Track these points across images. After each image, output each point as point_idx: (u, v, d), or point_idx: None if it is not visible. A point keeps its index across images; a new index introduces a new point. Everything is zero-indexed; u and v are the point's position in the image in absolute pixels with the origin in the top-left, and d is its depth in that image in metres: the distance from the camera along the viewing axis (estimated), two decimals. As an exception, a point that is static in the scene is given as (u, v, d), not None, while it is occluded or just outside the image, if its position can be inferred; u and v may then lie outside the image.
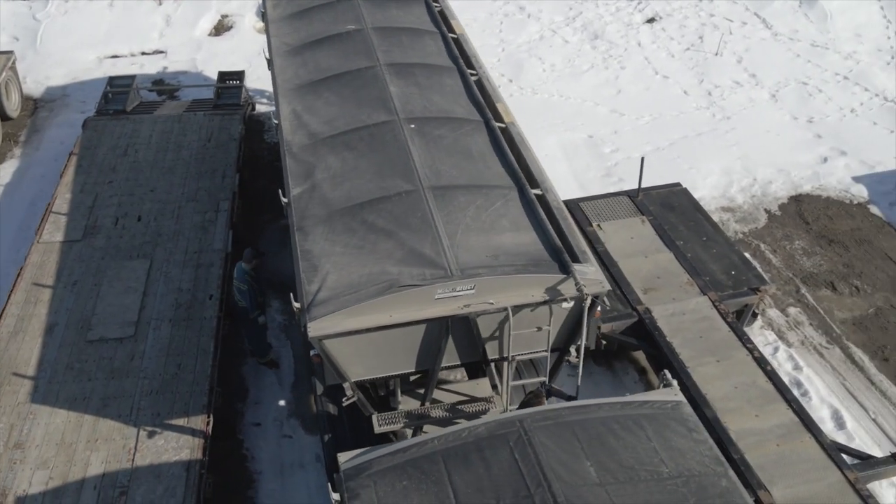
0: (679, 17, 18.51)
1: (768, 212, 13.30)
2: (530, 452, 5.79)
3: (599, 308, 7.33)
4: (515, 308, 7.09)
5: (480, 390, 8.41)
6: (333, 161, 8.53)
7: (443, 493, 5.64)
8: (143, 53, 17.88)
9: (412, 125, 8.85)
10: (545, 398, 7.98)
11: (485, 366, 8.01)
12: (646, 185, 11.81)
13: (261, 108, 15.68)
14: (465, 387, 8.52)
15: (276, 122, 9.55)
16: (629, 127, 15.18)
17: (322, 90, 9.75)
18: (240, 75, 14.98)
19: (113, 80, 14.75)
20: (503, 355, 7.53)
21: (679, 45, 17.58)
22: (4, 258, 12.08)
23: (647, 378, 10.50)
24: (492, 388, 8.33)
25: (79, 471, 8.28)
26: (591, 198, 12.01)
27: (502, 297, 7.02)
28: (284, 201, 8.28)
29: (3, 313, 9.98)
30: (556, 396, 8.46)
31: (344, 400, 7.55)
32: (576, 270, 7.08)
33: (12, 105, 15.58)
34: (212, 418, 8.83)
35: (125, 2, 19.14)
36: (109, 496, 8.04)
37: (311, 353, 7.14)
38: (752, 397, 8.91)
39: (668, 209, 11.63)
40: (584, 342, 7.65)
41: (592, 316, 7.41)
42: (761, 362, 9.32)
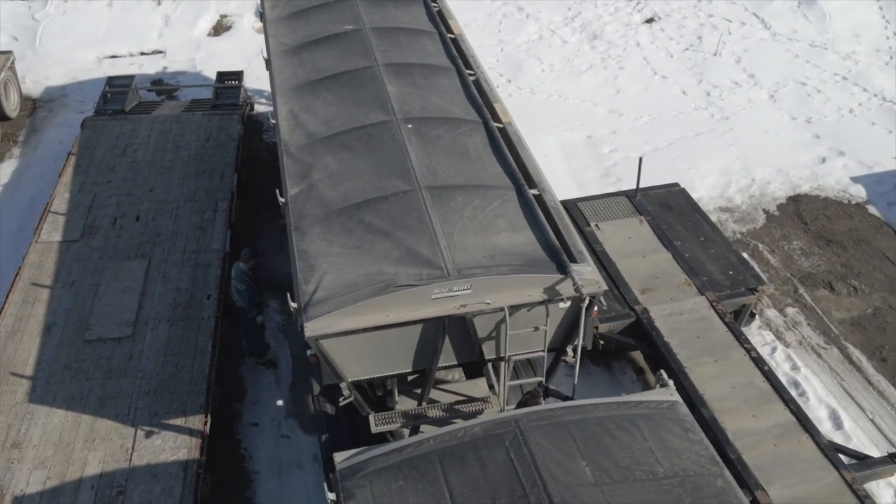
0: (678, 17, 18.50)
1: (766, 212, 13.30)
2: (526, 452, 5.79)
3: (596, 308, 7.34)
4: (512, 308, 7.09)
5: (477, 390, 8.42)
6: (331, 161, 8.53)
7: (438, 493, 5.64)
8: (141, 53, 17.87)
9: (409, 125, 8.85)
10: (542, 398, 7.99)
11: (482, 366, 8.00)
12: (644, 186, 11.81)
13: (260, 108, 15.67)
14: (463, 387, 8.54)
15: (274, 122, 9.55)
16: (628, 127, 15.18)
17: (320, 90, 9.75)
18: (238, 75, 14.99)
19: (112, 80, 14.74)
20: (500, 355, 7.53)
21: (678, 45, 17.57)
22: (3, 258, 12.08)
23: (644, 378, 10.50)
24: (489, 388, 8.33)
25: (76, 470, 8.27)
26: (590, 198, 12.00)
27: (499, 297, 7.02)
28: (282, 201, 8.28)
29: (1, 313, 9.98)
30: (553, 397, 8.46)
31: (341, 400, 7.57)
32: (573, 270, 7.09)
33: (11, 105, 15.57)
34: (209, 418, 8.83)
35: (124, 2, 19.13)
36: (107, 496, 8.04)
37: (307, 352, 7.16)
38: (750, 397, 8.91)
39: (666, 209, 11.63)
40: (580, 342, 7.67)
41: (589, 316, 7.42)
42: (759, 362, 9.32)
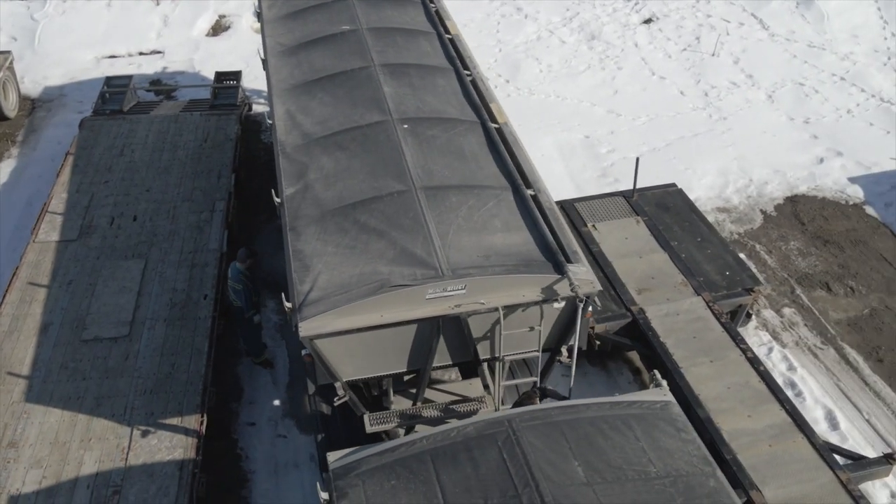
0: (676, 17, 18.51)
1: (764, 212, 13.30)
2: (518, 452, 5.80)
3: (591, 308, 7.34)
4: (506, 308, 7.11)
5: (473, 390, 8.43)
6: (326, 161, 8.55)
7: (431, 493, 5.65)
8: (140, 53, 17.90)
9: (405, 125, 8.86)
10: (538, 399, 8.00)
11: (477, 366, 8.01)
12: (641, 186, 11.82)
13: (258, 108, 15.69)
14: (458, 387, 8.54)
15: (271, 122, 9.56)
16: (626, 127, 15.18)
17: (316, 90, 9.77)
18: (236, 75, 15.03)
19: (110, 80, 14.77)
20: (494, 355, 7.54)
21: (676, 45, 17.58)
22: (1, 258, 12.10)
23: (641, 378, 10.50)
24: (484, 388, 8.34)
25: (72, 470, 8.29)
26: (587, 198, 12.02)
27: (493, 297, 7.04)
28: (277, 201, 8.30)
29: (-2, 312, 10.01)
30: (551, 397, 8.47)
31: (335, 399, 7.57)
32: (569, 270, 7.10)
33: (10, 105, 15.60)
34: (205, 418, 8.84)
35: (123, 2, 19.15)
36: (103, 495, 8.05)
37: (302, 352, 7.17)
38: (745, 398, 8.92)
39: (663, 210, 11.63)
40: (576, 343, 7.67)
41: (584, 316, 7.42)
42: (754, 363, 9.33)
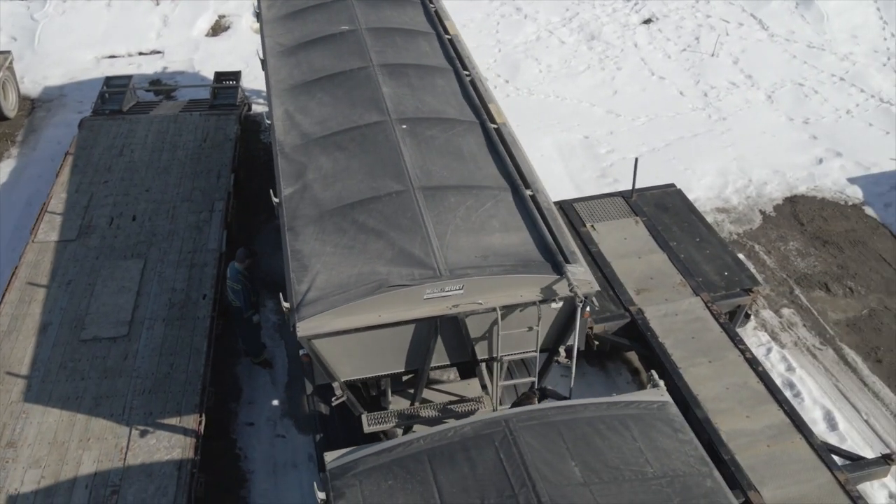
0: (675, 17, 18.51)
1: (763, 213, 13.30)
2: (515, 452, 5.80)
3: (588, 309, 7.34)
4: (504, 308, 7.11)
5: (471, 390, 8.43)
6: (325, 161, 8.55)
7: (428, 493, 5.65)
8: (140, 53, 17.91)
9: (404, 126, 8.86)
10: (537, 399, 8.00)
11: (475, 366, 8.01)
12: (641, 186, 11.82)
13: (257, 108, 15.69)
14: (456, 387, 8.55)
15: (270, 122, 9.57)
16: (625, 128, 15.19)
17: (315, 91, 9.77)
18: (236, 76, 15.04)
19: (109, 80, 14.79)
20: (492, 356, 7.54)
21: (675, 46, 17.58)
22: (1, 258, 12.11)
23: (640, 379, 10.50)
24: (482, 388, 8.34)
25: (71, 470, 8.29)
26: (586, 198, 12.02)
27: (491, 298, 7.04)
28: (276, 201, 8.30)
29: (-3, 312, 10.01)
30: (551, 397, 8.47)
31: (333, 399, 7.58)
32: (567, 271, 7.10)
33: (10, 105, 15.61)
34: (204, 418, 8.85)
35: (123, 2, 19.16)
36: (101, 495, 8.06)
37: (300, 352, 7.17)
38: (744, 398, 8.93)
39: (661, 210, 11.63)
40: (576, 343, 7.67)
41: (582, 316, 7.42)
42: (753, 363, 9.34)
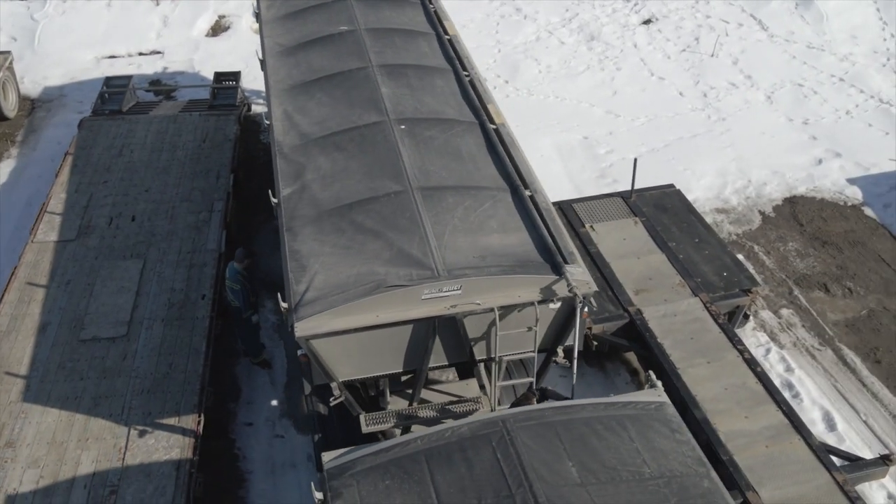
0: (675, 18, 18.51)
1: (762, 213, 13.30)
2: (512, 452, 5.80)
3: (587, 309, 7.35)
4: (502, 309, 7.11)
5: (470, 391, 8.44)
6: (324, 162, 8.56)
7: (425, 493, 5.65)
8: (140, 54, 17.92)
9: (402, 126, 8.87)
10: (536, 400, 7.99)
11: (473, 366, 8.02)
12: (640, 187, 11.82)
13: (257, 108, 15.70)
14: (454, 387, 8.56)
15: (268, 122, 9.58)
16: (624, 128, 15.19)
17: (314, 91, 9.78)
18: (236, 76, 15.05)
19: (109, 80, 14.80)
20: (490, 356, 7.54)
21: (675, 46, 17.58)
22: (1, 258, 12.11)
23: (638, 379, 10.50)
24: (480, 388, 8.35)
25: (69, 470, 8.30)
26: (585, 199, 12.03)
27: (489, 298, 7.04)
28: (274, 202, 8.31)
29: (-4, 312, 10.02)
30: (552, 398, 8.46)
31: (331, 400, 7.58)
32: (566, 271, 7.10)
33: (10, 105, 15.62)
34: (203, 418, 8.86)
35: (123, 2, 19.17)
36: (99, 495, 8.07)
37: (298, 352, 7.18)
38: (742, 399, 8.93)
39: (660, 210, 11.63)
40: (577, 344, 7.67)
41: (580, 317, 7.42)
42: (752, 364, 9.33)
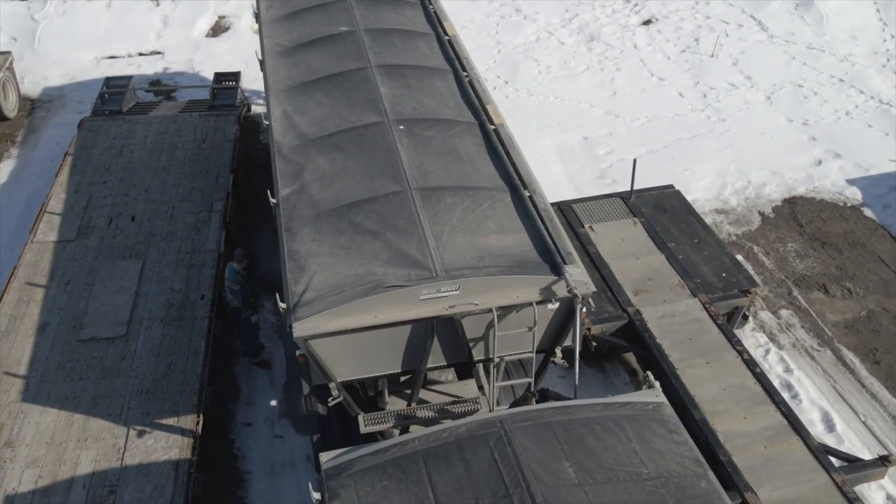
0: (675, 19, 18.50)
1: (762, 214, 13.30)
2: (510, 453, 5.80)
3: (585, 309, 7.35)
4: (500, 309, 7.12)
5: (468, 391, 8.44)
6: (322, 162, 8.56)
7: (422, 493, 5.66)
8: (140, 54, 17.93)
9: (401, 126, 8.87)
10: (535, 401, 7.97)
11: (472, 367, 8.02)
12: (639, 187, 11.82)
13: (257, 108, 15.70)
14: (453, 387, 8.57)
15: (267, 122, 9.59)
16: (624, 129, 15.19)
17: (313, 91, 9.79)
18: (236, 76, 15.06)
19: (109, 80, 14.81)
20: (489, 356, 7.55)
21: (675, 47, 17.58)
22: (1, 258, 12.12)
23: (638, 380, 10.50)
24: (478, 389, 8.35)
25: (68, 469, 8.31)
26: (584, 199, 12.03)
27: (487, 298, 7.05)
28: (273, 202, 8.32)
29: (-4, 313, 10.03)
30: (553, 399, 8.44)
31: (330, 400, 7.59)
32: (565, 271, 7.11)
33: (10, 105, 15.63)
34: (201, 418, 8.86)
35: (123, 2, 19.19)
36: (98, 495, 8.08)
37: (296, 353, 7.19)
38: (741, 399, 8.93)
39: (660, 211, 11.64)
40: (577, 344, 7.67)
41: (579, 317, 7.43)
42: (750, 364, 9.33)
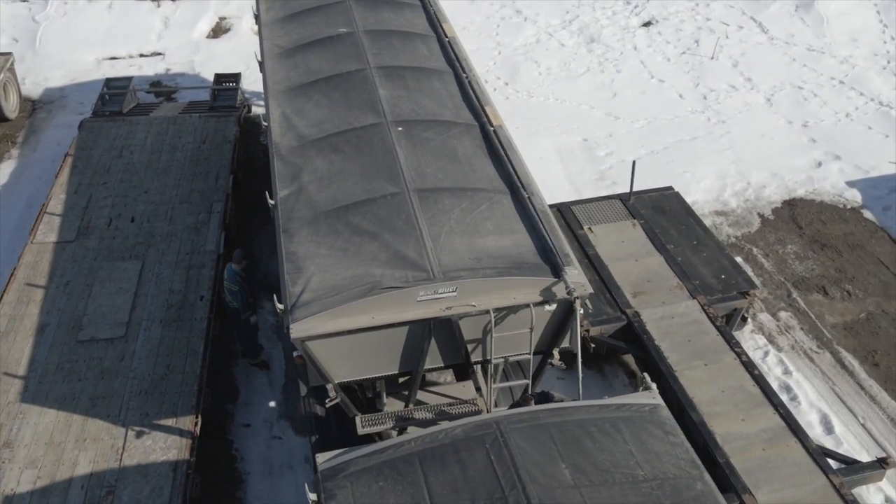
0: (675, 20, 18.51)
1: (762, 216, 13.29)
2: (506, 454, 5.80)
3: (582, 311, 7.35)
4: (498, 311, 7.12)
5: (466, 392, 8.44)
6: (321, 163, 8.57)
7: (418, 494, 5.66)
8: (141, 55, 17.95)
9: (399, 128, 8.88)
10: (533, 403, 7.97)
11: (469, 368, 8.02)
12: (639, 189, 11.82)
13: (257, 109, 15.71)
14: (451, 389, 8.57)
15: (266, 124, 9.60)
16: (624, 130, 15.19)
17: (312, 93, 9.80)
18: (236, 77, 15.08)
19: (110, 81, 14.82)
20: (486, 358, 7.55)
21: (675, 48, 17.58)
22: (1, 259, 12.14)
23: (636, 382, 10.50)
24: (476, 390, 8.35)
25: (67, 470, 8.32)
26: (583, 201, 12.04)
27: (485, 300, 7.04)
28: (271, 203, 8.33)
29: (-5, 313, 10.04)
30: (553, 402, 8.43)
31: (327, 401, 7.59)
32: (564, 272, 7.11)
33: (10, 106, 15.65)
34: (200, 419, 8.87)
35: (124, 4, 19.22)
36: (97, 496, 8.09)
37: (294, 354, 7.20)
38: (739, 401, 8.93)
39: (659, 213, 11.64)
40: (578, 345, 7.66)
41: (578, 319, 7.43)
42: (749, 366, 9.33)
